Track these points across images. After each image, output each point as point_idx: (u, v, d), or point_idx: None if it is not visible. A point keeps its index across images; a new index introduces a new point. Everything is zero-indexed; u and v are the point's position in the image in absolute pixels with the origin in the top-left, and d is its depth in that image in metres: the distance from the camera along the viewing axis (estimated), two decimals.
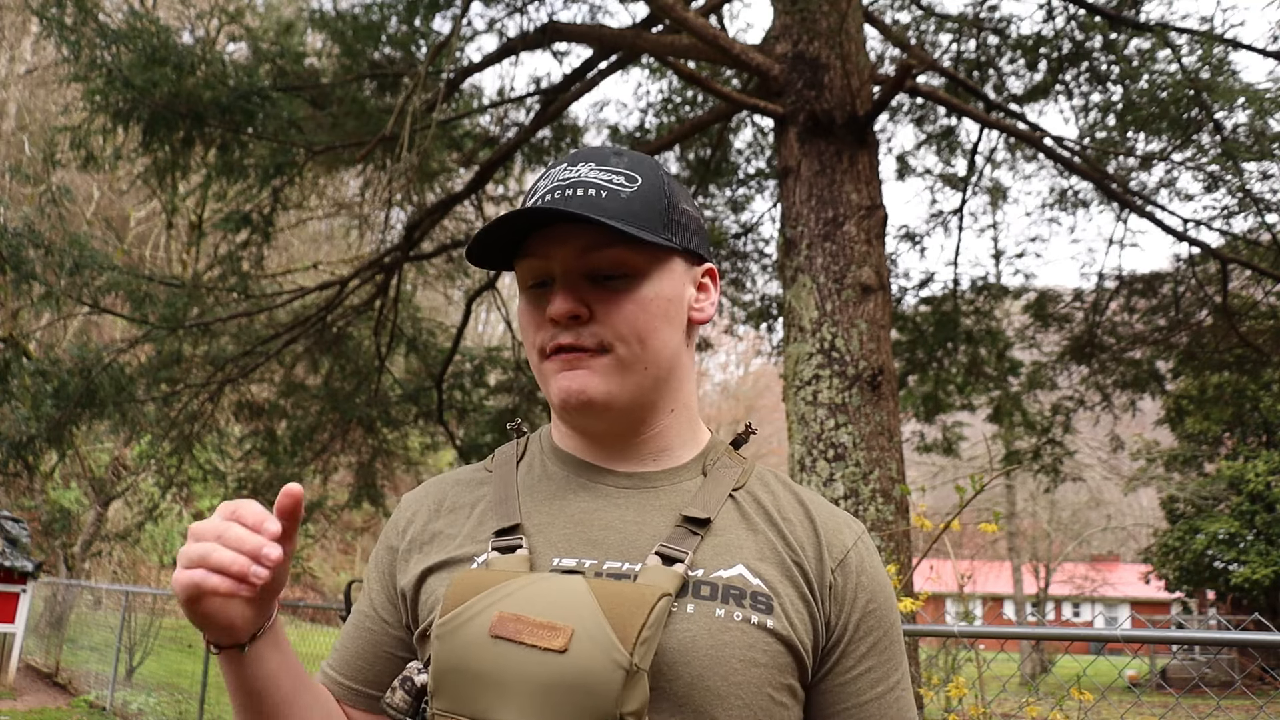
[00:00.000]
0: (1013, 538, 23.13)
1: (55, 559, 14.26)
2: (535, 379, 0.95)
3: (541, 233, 0.88)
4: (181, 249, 15.04)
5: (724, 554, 0.86)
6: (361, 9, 6.29)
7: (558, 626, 0.73)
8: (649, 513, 0.89)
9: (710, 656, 0.79)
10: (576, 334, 0.87)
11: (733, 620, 0.81)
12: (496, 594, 0.77)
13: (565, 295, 0.86)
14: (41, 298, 5.96)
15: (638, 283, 0.88)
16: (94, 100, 5.34)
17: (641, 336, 0.88)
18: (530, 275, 0.90)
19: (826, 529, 0.91)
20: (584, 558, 0.85)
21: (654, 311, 0.89)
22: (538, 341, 0.90)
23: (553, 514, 0.90)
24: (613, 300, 0.87)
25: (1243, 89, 5.36)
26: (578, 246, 0.87)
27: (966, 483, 2.98)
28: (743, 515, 0.90)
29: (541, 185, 0.89)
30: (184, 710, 8.38)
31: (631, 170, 0.89)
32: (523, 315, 0.93)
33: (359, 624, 0.97)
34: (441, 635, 0.77)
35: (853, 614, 0.89)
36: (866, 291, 4.10)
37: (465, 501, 0.95)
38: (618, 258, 0.87)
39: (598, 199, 0.85)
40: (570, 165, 0.89)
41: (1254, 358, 7.01)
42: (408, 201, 6.85)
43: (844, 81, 4.33)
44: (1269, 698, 8.46)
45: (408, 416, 8.39)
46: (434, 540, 0.92)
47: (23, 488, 15.18)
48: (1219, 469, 19.39)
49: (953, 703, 2.87)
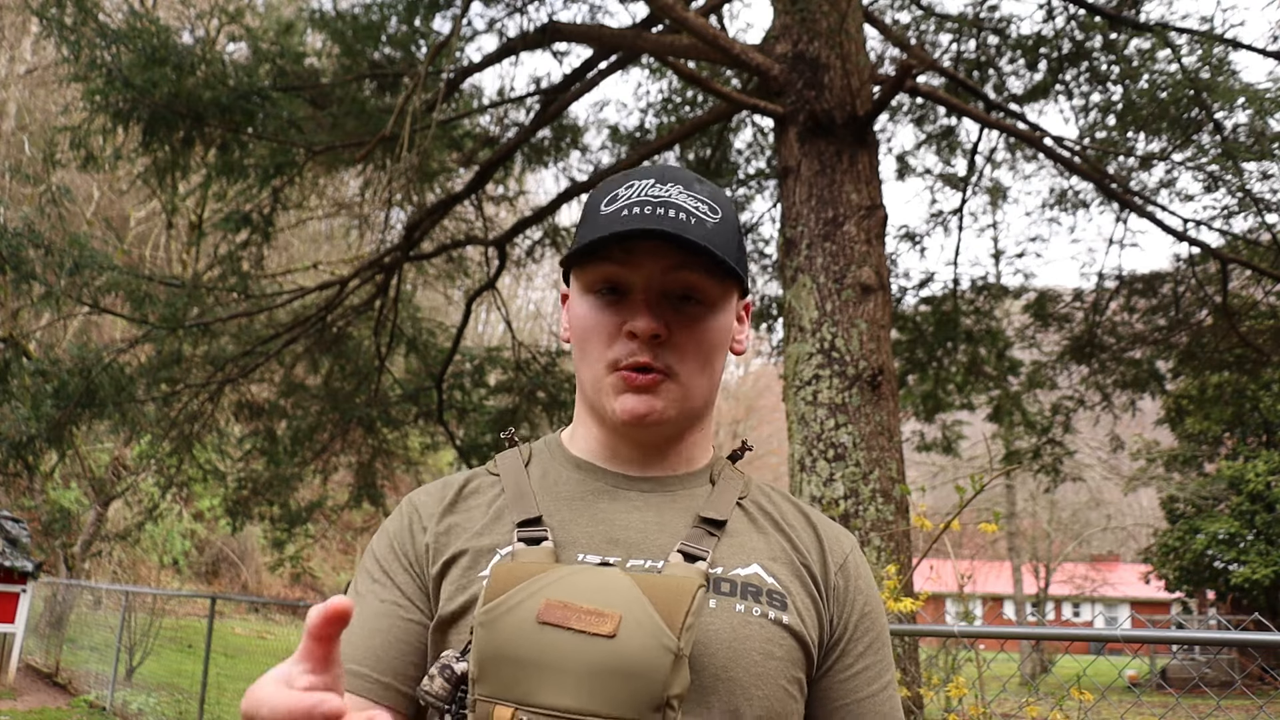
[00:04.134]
0: (1013, 538, 23.13)
1: (55, 559, 14.25)
2: (590, 385, 0.93)
3: (628, 243, 0.89)
4: (181, 249, 15.04)
5: (740, 553, 0.90)
6: (361, 9, 6.29)
7: (605, 613, 0.75)
8: (667, 514, 0.92)
9: (733, 649, 0.83)
10: (655, 354, 0.89)
11: (752, 615, 0.85)
12: (540, 581, 0.78)
13: (652, 312, 0.88)
14: (41, 298, 5.95)
15: (709, 311, 0.92)
16: (94, 100, 5.34)
17: (704, 366, 0.92)
18: (604, 280, 0.91)
19: (827, 535, 0.97)
20: (607, 555, 0.87)
21: (717, 342, 0.93)
22: (611, 354, 0.90)
23: (573, 513, 0.91)
24: (688, 326, 0.90)
25: (1243, 89, 5.37)
26: (666, 264, 0.88)
27: (966, 483, 2.98)
28: (751, 520, 0.95)
29: (627, 195, 0.90)
30: (184, 710, 8.38)
31: (714, 201, 0.92)
32: (588, 319, 0.92)
33: (387, 613, 0.90)
34: (486, 622, 0.77)
35: (852, 615, 0.94)
36: (866, 291, 4.10)
37: (479, 501, 0.95)
38: (699, 283, 0.90)
39: (689, 224, 0.87)
40: (659, 183, 0.91)
41: (1254, 358, 7.01)
42: (408, 201, 6.85)
43: (844, 81, 4.33)
44: (1269, 698, 8.46)
45: (408, 416, 8.39)
46: (451, 532, 0.92)
47: (23, 488, 15.18)
48: (1219, 469, 19.39)
49: (953, 703, 2.87)
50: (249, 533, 18.43)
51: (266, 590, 22.90)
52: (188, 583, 21.94)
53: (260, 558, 21.80)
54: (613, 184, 0.94)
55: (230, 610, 20.16)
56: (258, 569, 22.89)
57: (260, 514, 8.72)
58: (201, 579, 22.90)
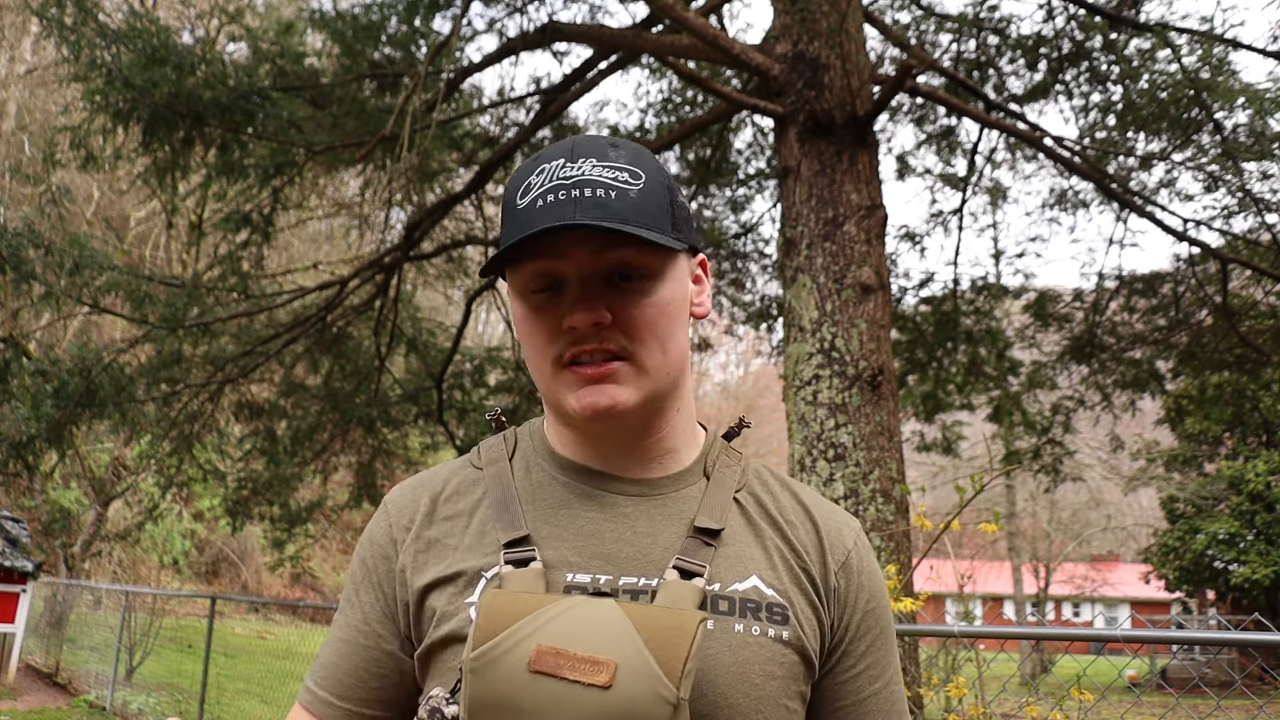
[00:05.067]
0: (1013, 538, 23.14)
1: (55, 559, 14.25)
2: (544, 388, 0.89)
3: (549, 237, 0.82)
4: (181, 249, 15.05)
5: (737, 566, 0.86)
6: (361, 9, 6.29)
7: (600, 660, 0.71)
8: (659, 523, 0.88)
9: (732, 673, 0.80)
10: (600, 339, 0.83)
11: (751, 635, 0.83)
12: (531, 624, 0.74)
13: (587, 302, 0.82)
14: (41, 298, 5.95)
15: (653, 284, 0.85)
16: (94, 100, 5.34)
17: (661, 340, 0.85)
18: (535, 280, 0.85)
19: (828, 530, 0.92)
20: (599, 573, 0.83)
21: (671, 314, 0.86)
22: (553, 351, 0.85)
23: (560, 526, 0.87)
24: (632, 304, 0.84)
25: (1243, 89, 5.37)
26: (592, 248, 0.82)
27: (966, 483, 2.98)
28: (748, 521, 0.91)
29: (538, 182, 0.83)
30: (184, 710, 8.38)
31: (634, 165, 0.85)
32: (528, 322, 0.87)
33: (350, 639, 0.91)
34: (476, 669, 0.73)
35: (854, 615, 0.91)
36: (866, 291, 4.10)
37: (461, 508, 0.91)
38: (634, 259, 0.83)
39: (607, 199, 0.81)
40: (569, 161, 0.83)
41: (1254, 358, 7.01)
42: (408, 201, 6.85)
43: (844, 81, 4.33)
44: (1269, 698, 8.46)
45: (408, 416, 8.39)
46: (431, 549, 0.88)
47: (23, 488, 15.19)
48: (1219, 469, 19.40)
49: (953, 703, 2.87)
50: (249, 533, 18.43)
51: (266, 590, 22.91)
52: (188, 583, 21.95)
53: (260, 558, 21.80)
54: (524, 172, 0.86)
55: (230, 610, 20.17)
56: (258, 569, 22.90)
57: (260, 514, 8.72)
58: (201, 579, 22.90)
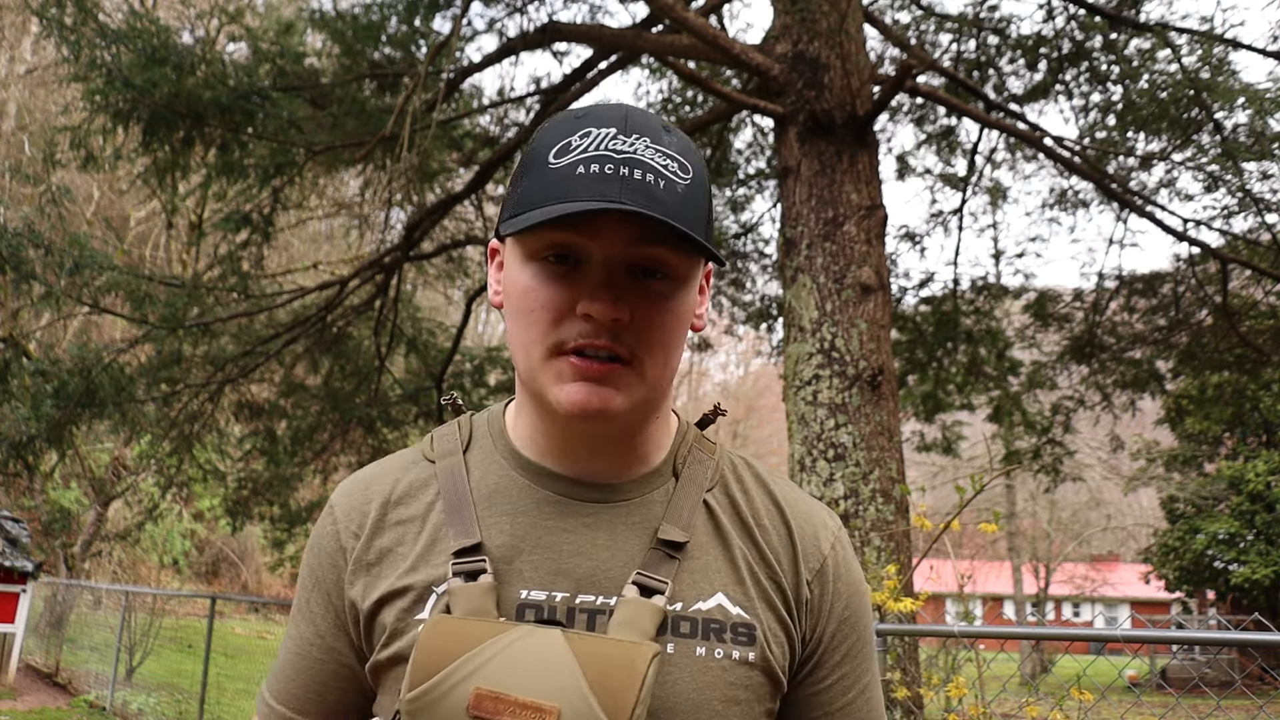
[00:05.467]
0: (1013, 538, 23.13)
1: (55, 559, 14.26)
2: (527, 369, 0.80)
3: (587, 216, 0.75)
4: (181, 249, 15.05)
5: (701, 581, 0.81)
6: (361, 9, 6.30)
7: (544, 708, 0.68)
8: (620, 533, 0.82)
9: (692, 701, 0.76)
10: (615, 337, 0.76)
11: (714, 659, 0.78)
12: (472, 662, 0.70)
13: (611, 293, 0.75)
14: (41, 298, 5.96)
15: (676, 288, 0.79)
16: (94, 100, 5.34)
17: (668, 352, 0.80)
18: (552, 248, 0.76)
19: (803, 535, 0.87)
20: (554, 590, 0.79)
21: (682, 324, 0.81)
22: (558, 334, 0.77)
23: (517, 535, 0.81)
24: (654, 306, 0.77)
25: (1243, 89, 5.37)
26: (628, 236, 0.75)
27: (966, 483, 2.99)
28: (716, 527, 0.85)
29: (581, 145, 0.75)
30: (184, 710, 8.38)
31: (684, 157, 0.78)
32: (532, 294, 0.78)
33: (303, 652, 0.88)
34: (413, 712, 0.70)
35: (828, 625, 0.86)
36: (866, 291, 4.10)
37: (413, 512, 0.85)
38: (667, 258, 0.77)
39: (655, 188, 0.74)
40: (622, 134, 0.76)
41: (1254, 358, 7.01)
42: (408, 201, 6.85)
43: (844, 81, 4.33)
44: (1269, 698, 8.45)
45: (408, 416, 8.40)
46: (382, 561, 0.83)
47: (23, 488, 15.18)
48: (1219, 469, 19.40)
49: (953, 703, 2.87)
50: (249, 533, 18.43)
51: (266, 590, 22.91)
52: (188, 583, 21.95)
53: (260, 558, 21.81)
54: (564, 128, 0.77)
55: (230, 610, 20.17)
56: (258, 569, 22.91)
57: (260, 514, 8.73)
58: (201, 579, 22.91)
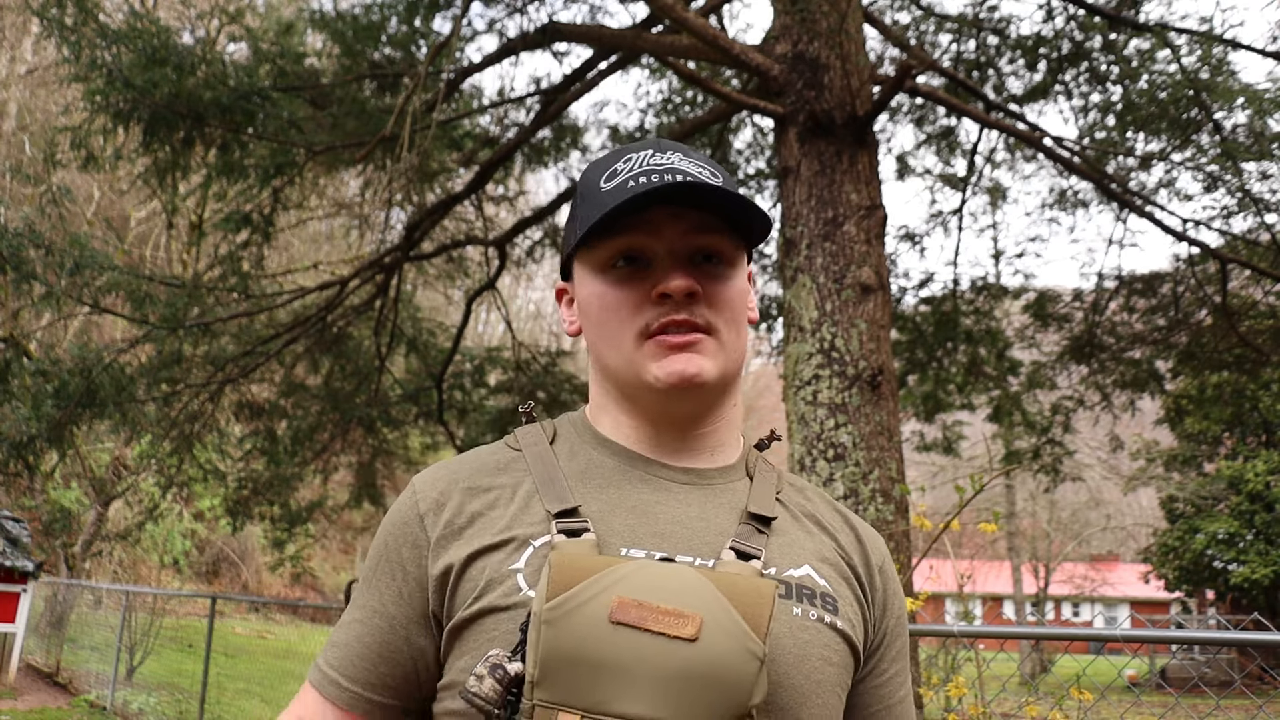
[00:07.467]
0: (1013, 538, 23.13)
1: (55, 559, 14.25)
2: (621, 363, 0.88)
3: (637, 215, 0.85)
4: (181, 249, 15.04)
5: (791, 553, 0.86)
6: (361, 9, 6.29)
7: (685, 614, 0.69)
8: (711, 508, 0.86)
9: (794, 655, 0.79)
10: (691, 310, 0.85)
11: (809, 619, 0.81)
12: (609, 576, 0.71)
13: (683, 271, 0.85)
14: (42, 298, 5.95)
15: (731, 271, 0.89)
16: (94, 100, 5.34)
17: (738, 326, 0.89)
18: (620, 254, 0.87)
19: (866, 536, 0.94)
20: (653, 550, 0.81)
21: (744, 302, 0.91)
22: (640, 322, 0.86)
23: (611, 503, 0.85)
24: (718, 284, 0.87)
25: (1242, 89, 5.37)
26: (686, 226, 0.86)
27: (966, 483, 2.99)
28: (794, 517, 0.91)
29: (626, 168, 0.87)
30: (184, 710, 8.38)
31: (713, 166, 0.90)
32: (610, 295, 0.87)
33: (365, 620, 0.87)
34: (552, 620, 0.70)
35: (888, 619, 0.91)
36: (866, 291, 4.10)
37: (503, 482, 0.87)
38: (720, 244, 0.87)
39: (699, 181, 0.84)
40: (658, 152, 0.88)
41: (1254, 358, 7.01)
42: (408, 201, 6.85)
43: (844, 81, 4.33)
44: (1269, 698, 8.45)
45: (408, 416, 8.40)
46: (474, 523, 0.84)
47: (23, 488, 15.18)
48: (1219, 469, 19.39)
49: (952, 702, 2.87)
50: (249, 533, 18.43)
51: (266, 590, 22.91)
52: (188, 583, 21.94)
53: (260, 558, 21.80)
54: (607, 160, 0.90)
55: (230, 610, 20.17)
56: (258, 569, 22.91)
57: (260, 514, 8.72)
58: (202, 579, 22.90)
